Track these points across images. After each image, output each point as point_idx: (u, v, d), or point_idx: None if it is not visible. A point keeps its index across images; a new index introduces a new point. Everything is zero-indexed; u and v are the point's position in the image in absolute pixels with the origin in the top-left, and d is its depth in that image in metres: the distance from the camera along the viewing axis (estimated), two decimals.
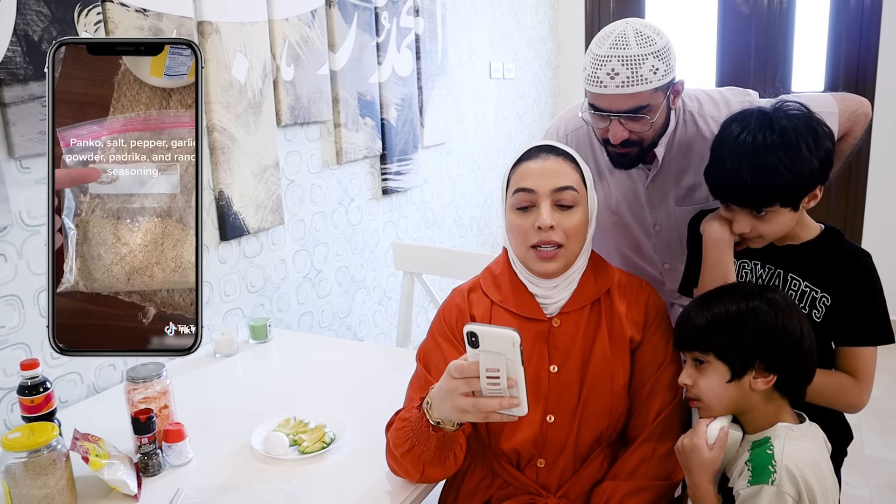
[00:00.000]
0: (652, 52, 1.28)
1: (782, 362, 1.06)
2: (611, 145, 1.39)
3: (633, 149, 1.38)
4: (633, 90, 1.29)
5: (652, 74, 1.28)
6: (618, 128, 1.34)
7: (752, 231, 1.22)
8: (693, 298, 1.19)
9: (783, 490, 0.99)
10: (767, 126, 1.17)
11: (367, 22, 2.35)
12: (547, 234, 1.19)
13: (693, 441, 1.07)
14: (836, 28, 3.61)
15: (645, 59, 1.28)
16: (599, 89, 1.31)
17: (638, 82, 1.28)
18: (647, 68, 1.28)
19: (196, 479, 1.25)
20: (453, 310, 1.29)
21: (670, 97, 1.36)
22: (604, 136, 1.39)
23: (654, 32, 1.30)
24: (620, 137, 1.35)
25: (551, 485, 1.24)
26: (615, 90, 1.29)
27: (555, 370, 1.23)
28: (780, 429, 1.07)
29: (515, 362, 0.91)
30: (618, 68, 1.28)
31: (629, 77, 1.28)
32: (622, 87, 1.29)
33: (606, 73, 1.29)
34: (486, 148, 3.39)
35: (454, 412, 1.00)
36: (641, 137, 1.36)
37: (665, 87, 1.33)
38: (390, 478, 1.21)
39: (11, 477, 1.08)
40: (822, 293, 1.24)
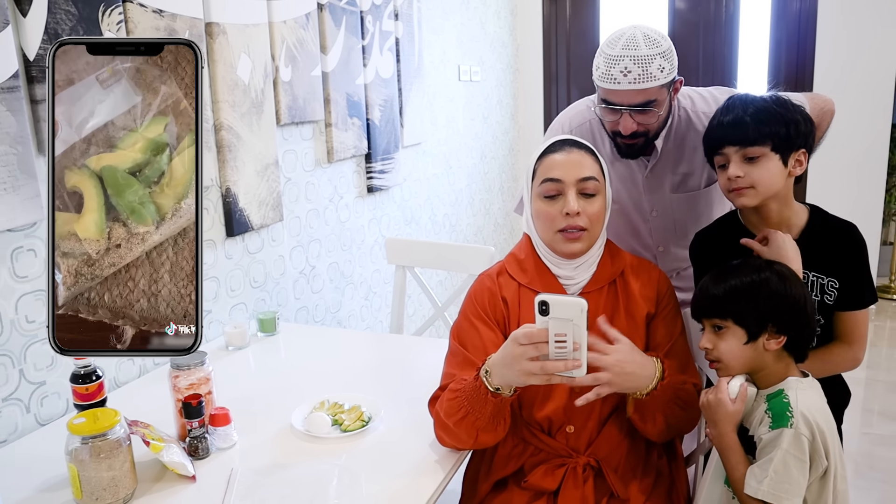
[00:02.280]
0: (659, 52, 1.42)
1: (791, 325, 1.20)
2: (620, 136, 1.52)
3: (640, 139, 1.52)
4: (644, 86, 1.42)
5: (659, 72, 1.42)
6: (628, 120, 1.47)
7: (745, 177, 1.34)
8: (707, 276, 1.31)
9: (800, 431, 1.13)
10: (762, 95, 1.38)
11: (354, 25, 2.42)
12: (573, 219, 1.30)
13: (717, 396, 1.20)
14: (777, 33, 3.88)
15: (653, 59, 1.41)
16: (613, 85, 1.44)
17: (648, 79, 1.42)
18: (655, 67, 1.41)
19: (244, 460, 1.30)
20: (484, 292, 1.39)
21: (671, 93, 1.50)
22: (614, 129, 1.52)
23: (659, 36, 1.45)
24: (631, 129, 1.48)
25: (580, 447, 1.34)
26: (628, 86, 1.43)
27: None
28: (790, 382, 1.21)
29: (581, 327, 1.01)
30: (630, 67, 1.41)
31: (640, 75, 1.41)
32: (634, 83, 1.42)
33: (620, 70, 1.42)
34: (457, 148, 3.49)
35: (520, 376, 1.10)
36: (648, 129, 1.50)
37: (669, 84, 1.47)
38: (434, 448, 1.30)
39: (79, 460, 1.12)
40: (829, 278, 1.39)
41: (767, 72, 3.91)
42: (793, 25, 3.84)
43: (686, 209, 1.70)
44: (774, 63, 3.91)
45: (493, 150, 3.96)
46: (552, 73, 4.33)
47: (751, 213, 1.43)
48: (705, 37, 4.00)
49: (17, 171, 1.35)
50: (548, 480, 1.31)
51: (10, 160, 1.33)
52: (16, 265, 1.41)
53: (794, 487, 1.13)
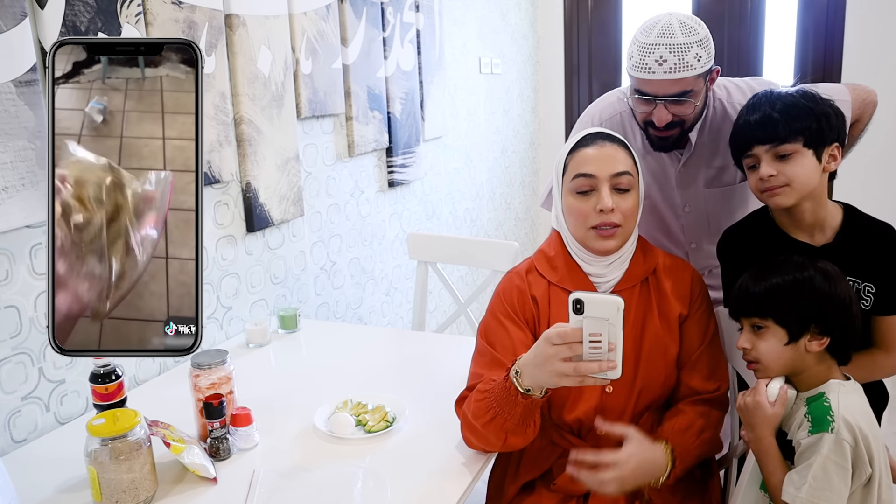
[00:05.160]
0: (696, 41, 1.36)
1: (835, 326, 1.15)
2: (653, 128, 1.46)
3: (675, 131, 1.46)
4: (680, 76, 1.37)
5: (696, 61, 1.36)
6: (662, 111, 1.42)
7: (779, 176, 1.28)
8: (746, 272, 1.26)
9: (842, 437, 1.08)
10: (788, 90, 1.33)
11: (374, 17, 2.38)
12: (607, 216, 1.26)
13: (756, 399, 1.15)
14: (804, 23, 3.78)
15: (690, 48, 1.36)
16: (648, 75, 1.38)
17: (684, 69, 1.36)
18: (692, 56, 1.36)
19: (266, 461, 1.27)
20: (513, 290, 1.34)
21: (708, 83, 1.45)
22: (646, 119, 1.47)
23: (696, 23, 1.39)
24: (665, 120, 1.42)
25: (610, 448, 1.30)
26: (663, 76, 1.37)
27: None
28: (832, 385, 1.15)
29: (617, 327, 0.97)
30: (665, 55, 1.36)
31: (676, 64, 1.36)
32: (670, 73, 1.36)
33: (655, 59, 1.36)
34: (478, 142, 3.44)
35: (552, 377, 1.05)
36: (683, 119, 1.45)
37: (705, 74, 1.41)
38: (461, 449, 1.26)
39: (98, 462, 1.09)
40: (865, 283, 1.32)
41: (794, 63, 3.82)
42: (821, 15, 3.74)
43: (720, 205, 1.65)
44: (801, 54, 3.81)
45: (513, 144, 3.91)
46: (573, 66, 4.26)
47: (783, 214, 1.37)
48: (730, 27, 3.91)
49: (35, 166, 1.32)
50: (578, 483, 1.27)
51: (27, 155, 1.31)
52: (34, 262, 1.39)
53: (835, 495, 1.08)
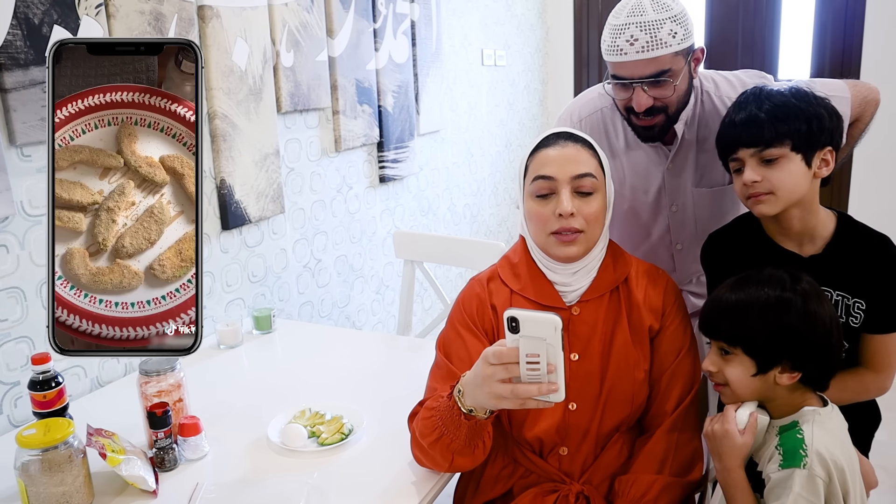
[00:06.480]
0: (669, 16, 1.29)
1: (809, 361, 1.06)
2: (635, 115, 1.38)
3: (659, 117, 1.38)
4: (654, 54, 1.29)
5: (671, 38, 1.29)
6: (641, 95, 1.34)
7: (763, 182, 1.19)
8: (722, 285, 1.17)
9: (815, 473, 1.00)
10: (779, 87, 1.23)
11: (364, 7, 2.31)
12: (567, 220, 1.18)
13: (724, 427, 1.07)
14: (822, 16, 3.64)
15: (663, 24, 1.28)
16: (620, 57, 1.31)
17: (657, 46, 1.29)
18: (665, 32, 1.28)
19: (213, 473, 1.22)
20: (473, 299, 1.28)
21: (691, 64, 1.36)
22: (626, 106, 1.39)
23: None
24: (645, 105, 1.35)
25: (574, 472, 1.23)
26: (635, 56, 1.30)
27: (576, 358, 1.22)
28: (806, 413, 1.07)
29: (556, 347, 0.90)
30: (636, 34, 1.28)
31: (648, 42, 1.28)
32: (642, 52, 1.29)
33: (626, 39, 1.29)
34: (479, 136, 3.37)
35: (490, 399, 0.99)
36: (666, 104, 1.36)
37: (685, 53, 1.33)
38: (413, 468, 1.20)
39: (28, 475, 1.05)
40: (855, 299, 1.23)
41: (811, 57, 3.68)
42: (839, 7, 3.59)
43: (708, 206, 1.56)
44: (819, 47, 3.67)
45: (519, 138, 3.82)
46: (583, 57, 4.15)
47: (770, 220, 1.28)
48: (745, 19, 3.78)
49: None
50: None
51: None
52: None
53: None
